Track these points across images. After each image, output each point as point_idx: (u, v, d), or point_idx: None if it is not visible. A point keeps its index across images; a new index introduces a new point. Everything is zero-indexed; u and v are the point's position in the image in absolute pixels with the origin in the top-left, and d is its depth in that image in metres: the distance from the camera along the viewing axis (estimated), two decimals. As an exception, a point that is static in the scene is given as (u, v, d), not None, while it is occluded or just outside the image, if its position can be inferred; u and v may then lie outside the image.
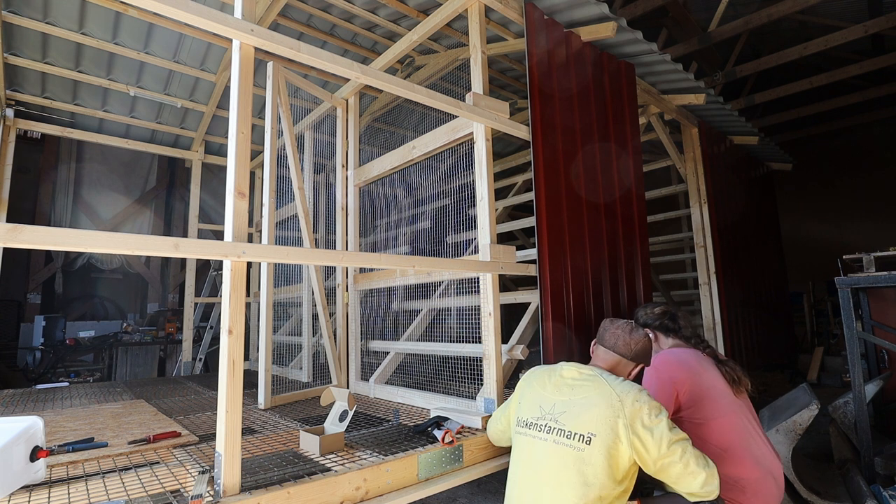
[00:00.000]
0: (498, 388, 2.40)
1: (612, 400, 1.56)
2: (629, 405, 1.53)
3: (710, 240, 4.38)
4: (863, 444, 2.57)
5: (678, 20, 5.59)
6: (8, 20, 3.54)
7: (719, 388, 1.92)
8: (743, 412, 1.90)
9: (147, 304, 7.23)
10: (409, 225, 4.14)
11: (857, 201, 8.41)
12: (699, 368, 1.95)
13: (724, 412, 1.87)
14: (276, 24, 3.74)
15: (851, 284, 2.73)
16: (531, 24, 2.78)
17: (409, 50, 3.25)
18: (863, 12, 5.81)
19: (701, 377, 1.92)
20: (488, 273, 2.47)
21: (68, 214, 6.53)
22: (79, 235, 1.33)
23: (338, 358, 3.53)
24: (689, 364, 1.96)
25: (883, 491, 2.34)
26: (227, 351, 1.57)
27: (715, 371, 1.97)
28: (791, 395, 2.94)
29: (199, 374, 5.27)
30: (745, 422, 1.88)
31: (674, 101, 4.18)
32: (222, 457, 1.52)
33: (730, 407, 1.88)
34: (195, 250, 1.53)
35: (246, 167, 1.72)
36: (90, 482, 1.72)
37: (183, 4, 1.54)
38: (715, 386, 1.91)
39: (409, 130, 4.57)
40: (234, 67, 1.74)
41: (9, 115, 4.35)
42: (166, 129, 5.25)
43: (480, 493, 3.05)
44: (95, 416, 2.79)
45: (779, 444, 2.45)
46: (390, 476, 1.83)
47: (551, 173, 2.72)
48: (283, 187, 3.64)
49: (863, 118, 7.85)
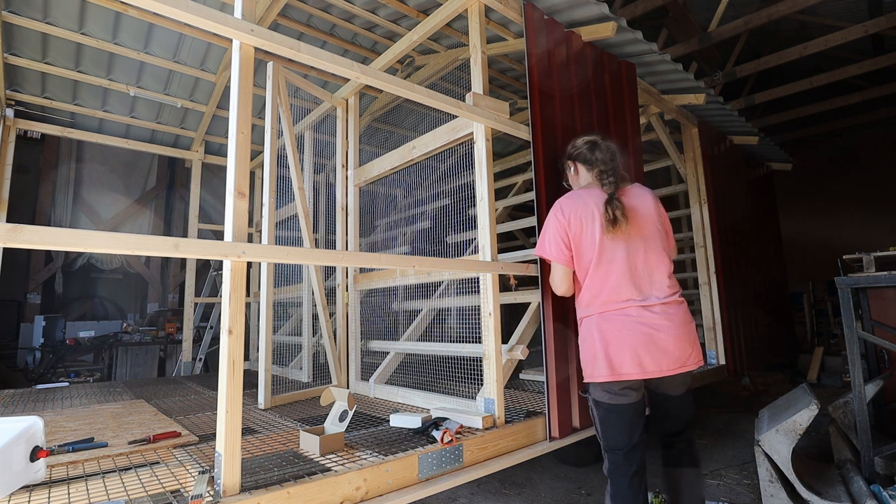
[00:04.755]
0: (498, 388, 2.40)
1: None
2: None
3: (710, 240, 4.38)
4: (863, 444, 2.57)
5: (678, 20, 5.60)
6: (8, 20, 3.54)
7: (589, 242, 1.87)
8: (617, 263, 1.84)
9: (147, 304, 7.23)
10: (409, 225, 4.14)
11: (858, 201, 8.42)
12: (586, 216, 1.89)
13: (585, 267, 1.89)
14: (276, 24, 3.74)
15: (851, 284, 2.73)
16: (531, 24, 2.78)
17: (409, 50, 3.25)
18: (863, 12, 5.82)
19: (581, 228, 1.89)
20: (488, 273, 2.47)
21: (68, 214, 6.53)
22: (79, 235, 1.33)
23: (338, 358, 3.53)
24: (577, 209, 1.91)
25: (883, 491, 2.34)
26: (227, 351, 1.57)
27: (596, 220, 1.87)
28: (791, 395, 2.94)
29: (199, 374, 5.27)
30: (617, 278, 1.84)
31: (674, 101, 4.18)
32: (222, 457, 1.52)
33: (594, 261, 1.86)
34: (195, 250, 1.53)
35: (246, 167, 1.72)
36: (90, 482, 1.72)
37: (183, 4, 1.54)
38: (585, 239, 1.88)
39: (409, 130, 4.57)
40: (234, 67, 1.74)
41: (9, 115, 4.35)
42: (166, 129, 5.25)
43: (480, 493, 3.05)
44: (95, 416, 2.79)
45: (779, 444, 2.45)
46: (390, 476, 1.83)
47: (552, 173, 2.72)
48: (283, 187, 3.65)
49: (863, 118, 7.86)
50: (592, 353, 1.85)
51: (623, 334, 1.79)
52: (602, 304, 1.85)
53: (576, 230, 1.89)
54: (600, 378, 1.81)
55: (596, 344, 1.84)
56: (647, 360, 1.75)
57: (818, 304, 7.13)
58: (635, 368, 1.76)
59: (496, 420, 2.34)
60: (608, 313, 1.83)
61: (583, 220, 1.89)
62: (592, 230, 1.86)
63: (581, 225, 1.89)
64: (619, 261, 1.83)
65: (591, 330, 1.88)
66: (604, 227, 1.83)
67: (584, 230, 1.88)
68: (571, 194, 2.00)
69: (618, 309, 1.82)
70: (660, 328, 1.77)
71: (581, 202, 1.92)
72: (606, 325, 1.83)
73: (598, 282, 1.86)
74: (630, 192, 1.93)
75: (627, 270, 1.83)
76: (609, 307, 1.83)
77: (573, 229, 1.90)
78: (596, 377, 1.83)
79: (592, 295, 1.88)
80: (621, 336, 1.79)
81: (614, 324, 1.81)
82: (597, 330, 1.85)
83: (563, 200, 1.97)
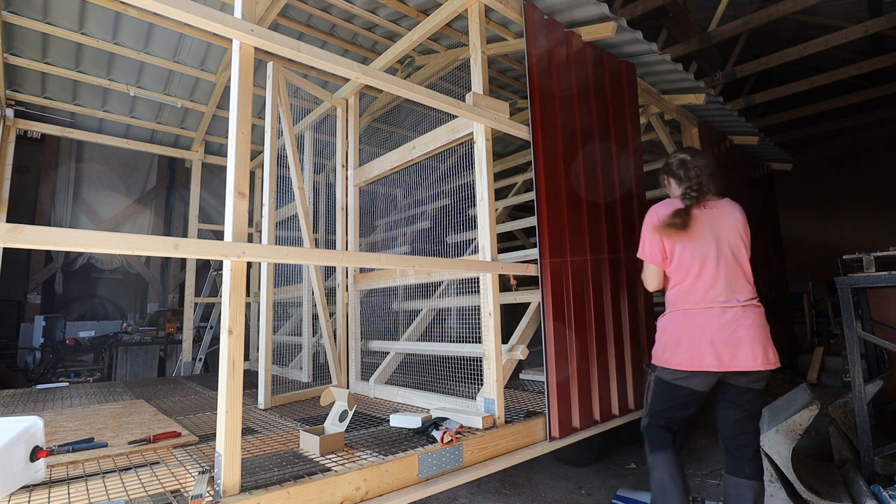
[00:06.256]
0: (498, 388, 2.41)
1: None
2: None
3: (710, 240, 4.37)
4: (863, 444, 2.57)
5: (678, 20, 5.60)
6: (8, 20, 3.54)
7: (676, 247, 2.08)
8: (706, 268, 2.03)
9: (147, 304, 7.23)
10: (409, 225, 4.14)
11: (857, 201, 8.42)
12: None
13: (674, 268, 2.11)
14: (276, 24, 3.74)
15: (851, 284, 2.73)
16: (530, 24, 2.78)
17: (409, 50, 3.25)
18: (863, 12, 5.82)
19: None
20: (488, 273, 2.47)
21: (68, 214, 6.53)
22: (79, 235, 1.33)
23: (338, 358, 3.53)
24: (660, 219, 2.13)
25: (883, 491, 2.34)
26: (227, 351, 1.57)
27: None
28: (791, 395, 2.94)
29: (199, 374, 5.27)
30: (705, 282, 2.02)
31: (674, 101, 4.18)
32: (222, 457, 1.52)
33: (681, 263, 2.08)
34: (195, 250, 1.53)
35: (246, 167, 1.72)
36: (90, 482, 1.72)
37: (183, 4, 1.54)
38: (674, 244, 2.09)
39: (409, 130, 4.57)
40: (234, 67, 1.74)
41: (9, 115, 4.35)
42: (166, 129, 5.25)
43: (480, 493, 3.05)
44: (95, 416, 2.79)
45: (779, 444, 2.45)
46: (390, 476, 1.83)
47: (551, 173, 2.72)
48: (283, 187, 3.65)
49: (863, 118, 7.85)
50: (668, 342, 2.07)
51: (700, 331, 1.97)
52: (685, 302, 2.06)
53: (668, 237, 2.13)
54: (669, 365, 2.03)
55: (674, 335, 2.05)
56: (719, 356, 1.93)
57: (818, 304, 7.12)
58: (706, 361, 1.94)
59: (496, 420, 2.35)
60: (691, 311, 2.03)
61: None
62: (678, 236, 2.09)
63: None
64: (707, 266, 2.03)
65: (673, 323, 2.09)
66: (676, 232, 2.06)
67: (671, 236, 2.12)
68: (663, 204, 2.21)
69: (701, 308, 2.01)
70: (735, 329, 1.94)
71: (671, 210, 2.14)
72: (687, 321, 2.03)
73: (685, 283, 2.07)
74: (718, 205, 2.13)
75: (713, 275, 2.02)
76: (692, 305, 2.03)
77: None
78: (666, 363, 2.05)
79: (679, 293, 2.10)
80: (698, 332, 1.97)
81: (694, 320, 2.00)
82: (677, 324, 2.06)
83: (657, 208, 2.19)
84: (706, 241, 2.04)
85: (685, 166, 2.19)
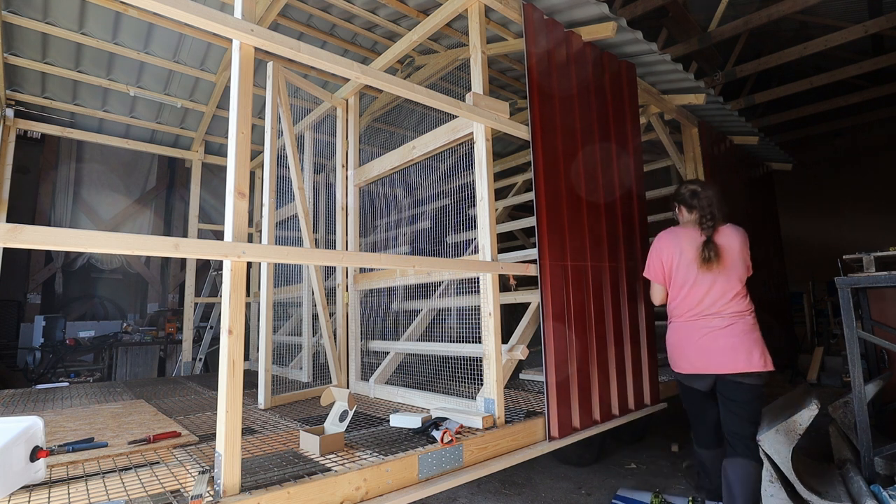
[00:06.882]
0: (498, 388, 2.40)
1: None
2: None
3: (710, 240, 4.37)
4: (863, 444, 2.56)
5: (678, 20, 5.59)
6: (8, 20, 3.54)
7: (678, 270, 2.43)
8: (696, 287, 2.37)
9: (147, 304, 7.23)
10: (409, 225, 4.14)
11: (857, 201, 8.41)
12: (675, 250, 2.44)
13: (675, 286, 2.46)
14: (276, 24, 3.74)
15: (851, 284, 2.73)
16: (530, 24, 2.78)
17: (409, 50, 3.25)
18: (863, 12, 5.81)
19: (671, 259, 2.45)
20: (488, 273, 2.47)
21: (68, 214, 6.53)
22: (79, 235, 1.33)
23: (338, 358, 3.53)
24: (670, 245, 2.47)
25: (883, 491, 2.34)
26: (227, 351, 1.57)
27: (692, 254, 2.38)
28: (791, 395, 2.94)
29: (199, 374, 5.27)
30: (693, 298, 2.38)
31: (674, 101, 4.18)
32: (222, 457, 1.52)
33: (685, 283, 2.40)
34: (195, 250, 1.53)
35: (246, 167, 1.72)
36: (90, 482, 1.72)
37: (183, 4, 1.54)
38: (675, 268, 2.44)
39: (409, 130, 4.57)
40: (234, 67, 1.74)
41: (9, 115, 4.35)
42: (166, 129, 5.25)
43: (480, 493, 3.05)
44: (95, 416, 2.79)
45: (779, 444, 2.44)
46: (390, 476, 1.83)
47: (551, 173, 2.72)
48: (283, 187, 3.65)
49: (863, 118, 7.85)
50: (672, 350, 2.46)
51: (693, 338, 2.33)
52: (684, 314, 2.41)
53: (668, 260, 2.47)
54: (674, 368, 2.45)
55: (675, 344, 2.43)
56: (705, 360, 2.29)
57: (818, 304, 7.11)
58: (695, 364, 2.32)
59: (496, 420, 2.35)
60: (687, 322, 2.39)
61: (672, 254, 2.45)
62: (680, 261, 2.42)
63: (671, 257, 2.46)
64: (703, 285, 2.35)
65: (676, 331, 2.45)
66: (697, 262, 2.35)
67: (674, 261, 2.45)
68: (668, 231, 2.53)
69: (694, 319, 2.36)
70: (715, 338, 2.27)
71: (674, 240, 2.47)
72: (684, 330, 2.39)
73: (684, 298, 2.41)
74: (723, 231, 2.40)
75: (706, 292, 2.34)
76: (689, 317, 2.38)
77: (665, 259, 2.48)
78: (675, 367, 2.45)
79: (680, 307, 2.44)
80: (692, 340, 2.34)
81: (690, 329, 2.36)
82: (678, 333, 2.42)
83: (663, 235, 2.53)
84: (700, 264, 2.35)
85: (697, 196, 2.45)
